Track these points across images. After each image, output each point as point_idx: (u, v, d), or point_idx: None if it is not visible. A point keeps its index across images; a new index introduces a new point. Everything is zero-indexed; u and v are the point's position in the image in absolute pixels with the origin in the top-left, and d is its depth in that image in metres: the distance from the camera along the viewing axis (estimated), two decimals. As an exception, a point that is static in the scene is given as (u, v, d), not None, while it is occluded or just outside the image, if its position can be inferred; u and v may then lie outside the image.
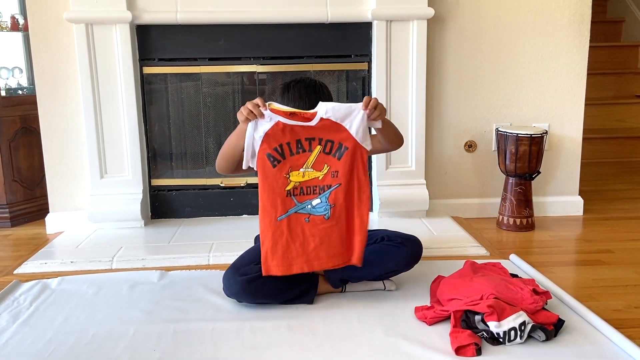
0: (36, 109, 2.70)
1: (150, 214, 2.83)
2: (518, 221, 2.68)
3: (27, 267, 2.27)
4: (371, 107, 1.68)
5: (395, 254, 1.87)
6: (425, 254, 2.02)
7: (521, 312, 1.59)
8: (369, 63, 2.75)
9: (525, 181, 2.67)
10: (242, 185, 2.85)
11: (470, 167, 2.92)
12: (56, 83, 2.67)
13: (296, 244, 1.73)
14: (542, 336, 1.58)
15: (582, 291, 1.97)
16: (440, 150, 2.88)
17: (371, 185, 2.72)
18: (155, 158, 2.85)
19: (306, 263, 1.73)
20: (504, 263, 2.12)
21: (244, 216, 2.87)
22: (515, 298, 1.66)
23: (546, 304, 1.70)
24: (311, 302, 1.87)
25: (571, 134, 2.89)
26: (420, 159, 2.78)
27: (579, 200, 2.95)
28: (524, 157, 2.62)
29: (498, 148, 2.75)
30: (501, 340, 1.57)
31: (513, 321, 1.56)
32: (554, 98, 2.86)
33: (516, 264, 2.20)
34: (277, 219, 1.72)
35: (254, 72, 2.80)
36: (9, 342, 1.66)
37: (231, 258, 1.99)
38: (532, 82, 2.84)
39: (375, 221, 2.74)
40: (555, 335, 1.61)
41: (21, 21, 2.98)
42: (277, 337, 1.67)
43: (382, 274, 1.90)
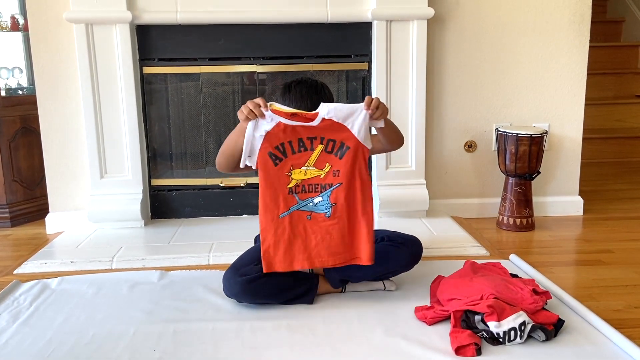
0: (36, 109, 2.70)
1: (150, 214, 2.83)
2: (518, 221, 2.68)
3: (27, 267, 2.27)
4: (373, 106, 1.69)
5: (396, 254, 1.87)
6: (425, 254, 2.02)
7: (521, 312, 1.59)
8: (369, 63, 2.75)
9: (525, 181, 2.67)
10: (242, 185, 2.85)
11: (470, 167, 2.92)
12: (56, 83, 2.67)
13: (298, 240, 1.74)
14: (542, 336, 1.58)
15: (582, 291, 1.97)
16: (440, 150, 2.88)
17: (371, 185, 2.71)
18: (155, 158, 2.85)
19: (307, 260, 1.74)
20: (504, 263, 2.12)
21: (244, 216, 2.87)
22: (515, 298, 1.66)
23: (546, 304, 1.70)
24: (311, 302, 1.87)
25: (571, 134, 2.89)
26: (420, 159, 2.78)
27: (579, 200, 2.95)
28: (524, 157, 2.62)
29: (498, 148, 2.75)
30: (501, 340, 1.57)
31: (513, 321, 1.56)
32: (554, 98, 2.86)
33: (516, 264, 2.20)
34: (280, 216, 1.73)
35: (254, 72, 2.80)
36: (9, 342, 1.66)
37: (231, 258, 1.99)
38: (532, 82, 2.84)
39: (375, 221, 2.70)
40: (555, 335, 1.61)
41: (21, 21, 2.98)
42: (277, 337, 1.67)
43: (382, 274, 1.90)
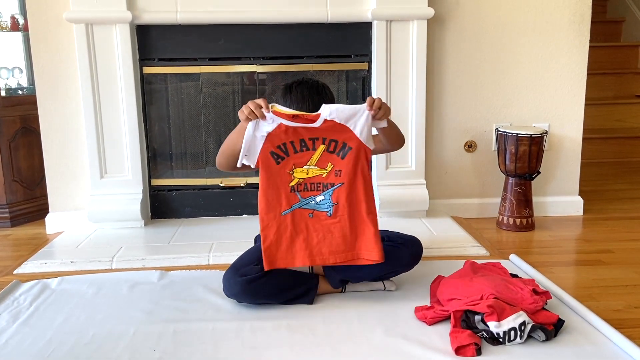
0: (36, 109, 2.70)
1: (150, 214, 2.83)
2: (518, 221, 2.68)
3: (27, 267, 2.27)
4: (376, 107, 1.68)
5: (396, 254, 1.87)
6: (425, 254, 2.02)
7: (521, 312, 1.59)
8: (369, 63, 2.75)
9: (525, 181, 2.67)
10: (242, 185, 2.85)
11: (470, 167, 2.92)
12: (56, 83, 2.67)
13: (300, 237, 1.75)
14: (542, 336, 1.58)
15: (582, 291, 1.97)
16: (440, 150, 2.88)
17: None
18: (155, 158, 2.85)
19: (308, 257, 1.75)
20: (504, 263, 2.12)
21: (244, 216, 2.87)
22: (515, 298, 1.66)
23: (546, 304, 1.70)
24: (311, 302, 1.87)
25: (571, 134, 2.89)
26: (420, 159, 2.78)
27: (579, 200, 2.95)
28: (524, 157, 2.62)
29: (498, 148, 2.75)
30: (501, 340, 1.57)
31: (513, 321, 1.56)
32: (554, 98, 2.86)
33: (516, 264, 2.20)
34: (282, 213, 1.74)
35: (254, 72, 2.80)
36: (9, 342, 1.66)
37: (231, 258, 1.99)
38: (532, 82, 2.84)
39: (376, 221, 2.73)
40: (555, 335, 1.61)
41: (21, 21, 2.98)
42: (277, 337, 1.67)
43: (382, 274, 1.90)
